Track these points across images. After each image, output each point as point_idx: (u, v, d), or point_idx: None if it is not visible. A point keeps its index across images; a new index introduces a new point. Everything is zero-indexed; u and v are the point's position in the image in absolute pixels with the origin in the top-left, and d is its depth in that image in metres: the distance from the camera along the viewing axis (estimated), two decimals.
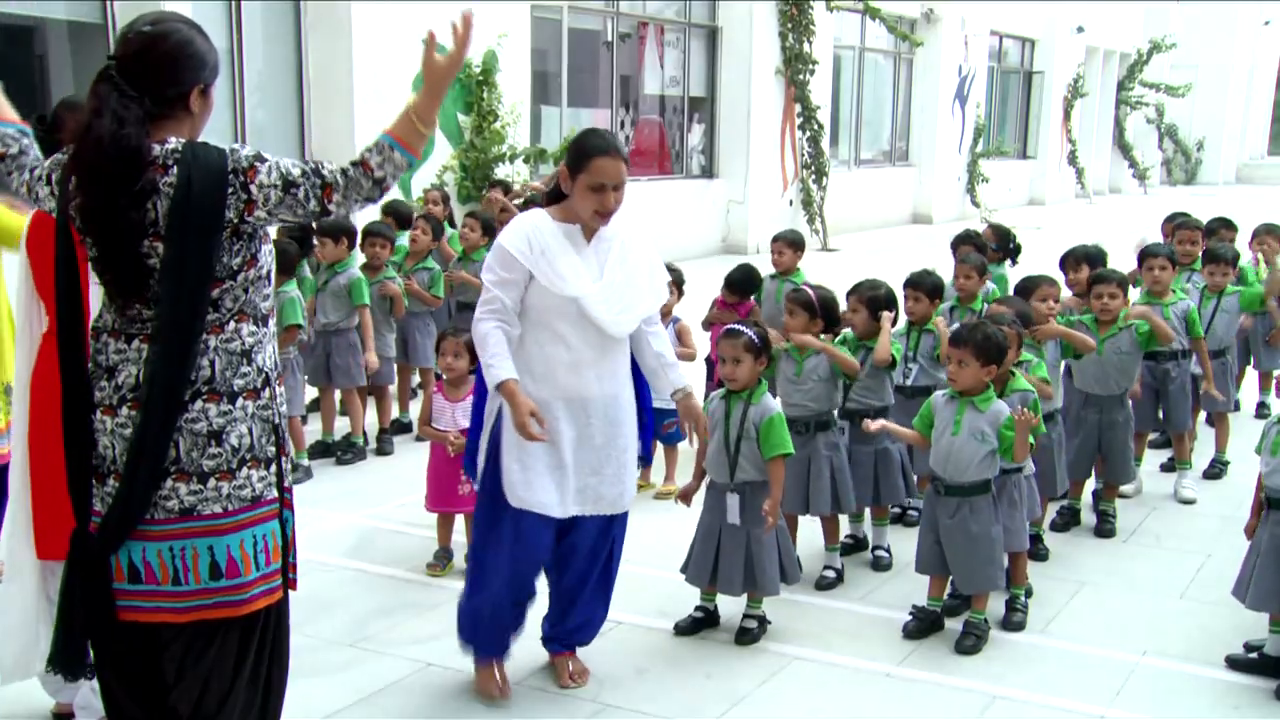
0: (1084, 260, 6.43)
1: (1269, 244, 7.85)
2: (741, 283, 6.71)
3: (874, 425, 4.71)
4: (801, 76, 17.55)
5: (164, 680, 2.87)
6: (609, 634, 4.36)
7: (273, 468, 2.90)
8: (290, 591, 3.01)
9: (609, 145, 3.76)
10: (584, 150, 3.74)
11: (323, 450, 6.84)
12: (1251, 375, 7.92)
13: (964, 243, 7.20)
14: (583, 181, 3.71)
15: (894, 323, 5.26)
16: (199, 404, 2.74)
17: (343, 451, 6.84)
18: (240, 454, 2.80)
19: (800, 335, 5.02)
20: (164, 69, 2.71)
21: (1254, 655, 4.31)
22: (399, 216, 8.01)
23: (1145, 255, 6.41)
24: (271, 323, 2.92)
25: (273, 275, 2.93)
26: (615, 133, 15.72)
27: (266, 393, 2.88)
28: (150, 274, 2.69)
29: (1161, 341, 5.76)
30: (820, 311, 5.05)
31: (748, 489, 4.41)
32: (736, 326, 4.46)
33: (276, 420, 2.91)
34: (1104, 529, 5.76)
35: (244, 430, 2.80)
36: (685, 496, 4.54)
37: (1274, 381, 8.00)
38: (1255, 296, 6.88)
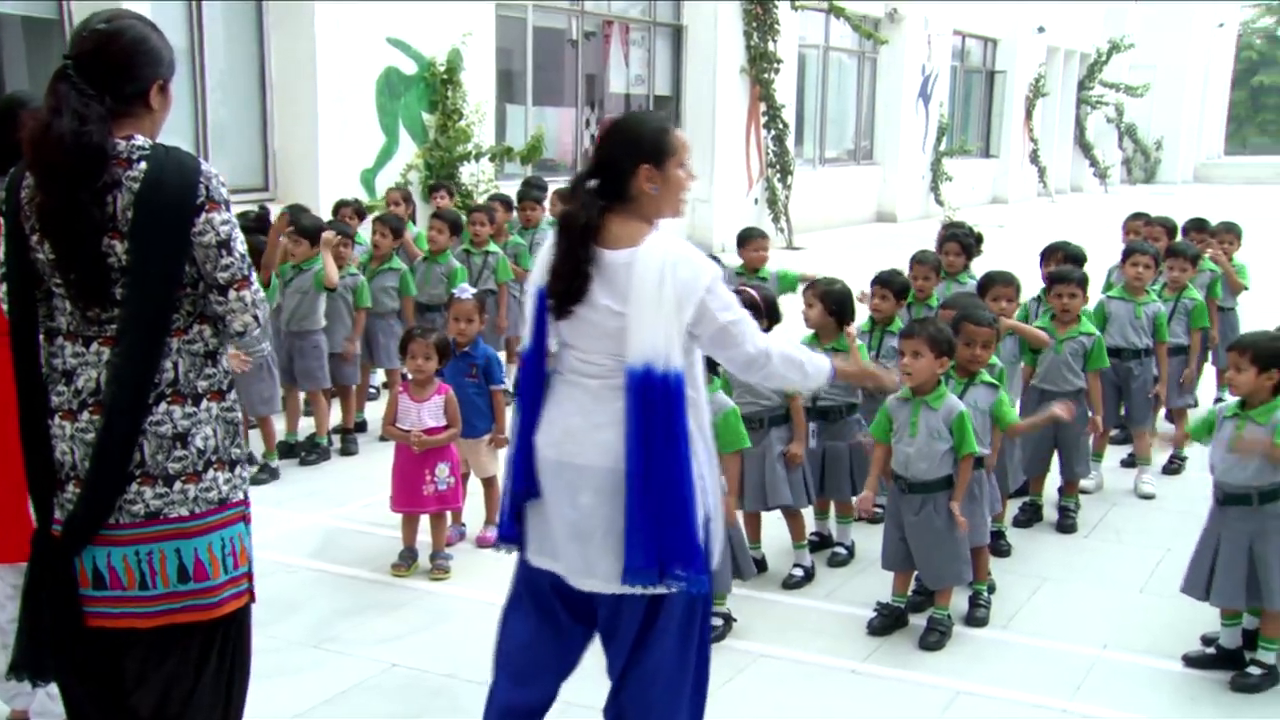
0: (1066, 257, 6.55)
1: (1228, 242, 7.99)
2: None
3: (864, 504, 4.66)
4: (766, 75, 17.60)
5: (126, 683, 2.85)
6: None
7: (238, 470, 2.89)
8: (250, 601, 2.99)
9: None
10: (667, 129, 3.05)
11: (286, 451, 6.81)
12: (1209, 371, 8.01)
13: (947, 240, 7.16)
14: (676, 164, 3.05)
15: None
16: (163, 406, 2.72)
17: (307, 452, 6.81)
18: (206, 456, 2.78)
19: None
20: (121, 66, 2.68)
21: (1210, 650, 4.37)
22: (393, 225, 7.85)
23: (1130, 251, 6.53)
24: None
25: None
26: (580, 132, 15.80)
27: (231, 394, 2.87)
28: (110, 274, 2.66)
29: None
30: (765, 310, 5.08)
31: None
32: None
33: (240, 422, 2.90)
34: (1065, 524, 5.82)
35: (209, 432, 2.79)
36: None
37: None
38: (1203, 310, 6.91)
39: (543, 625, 3.16)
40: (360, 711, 3.97)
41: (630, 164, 2.93)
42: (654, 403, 2.84)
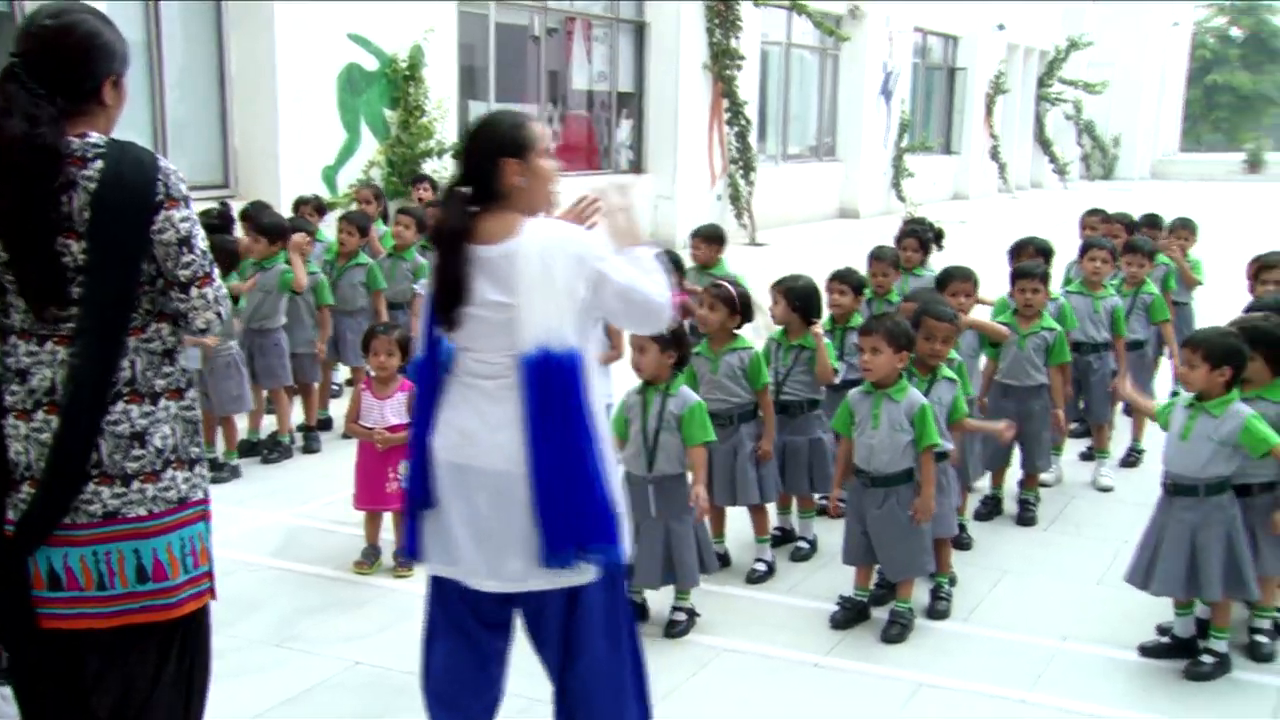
0: (1037, 251, 6.63)
1: (1183, 238, 8.09)
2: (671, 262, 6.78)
3: (836, 505, 4.72)
4: (729, 72, 17.65)
5: (84, 684, 2.82)
6: None
7: (197, 469, 2.86)
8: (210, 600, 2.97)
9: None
10: (523, 123, 3.07)
11: (248, 449, 6.76)
12: (1165, 366, 8.11)
13: (905, 235, 7.22)
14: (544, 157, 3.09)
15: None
16: (120, 405, 2.70)
17: (269, 450, 6.78)
18: (165, 455, 2.76)
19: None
20: (73, 63, 2.64)
21: (1165, 639, 4.43)
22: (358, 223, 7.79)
23: (1088, 246, 6.63)
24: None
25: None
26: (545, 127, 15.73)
27: (190, 393, 2.84)
28: (65, 274, 2.64)
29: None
30: (738, 305, 5.11)
31: (666, 481, 4.45)
32: None
33: (199, 421, 2.88)
34: (1025, 517, 5.89)
35: (167, 431, 2.76)
36: None
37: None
38: (1161, 305, 6.98)
39: (458, 643, 3.15)
40: (323, 710, 3.96)
41: (494, 162, 2.94)
42: (551, 382, 2.85)
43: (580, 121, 16.78)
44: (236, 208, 7.60)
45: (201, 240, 2.75)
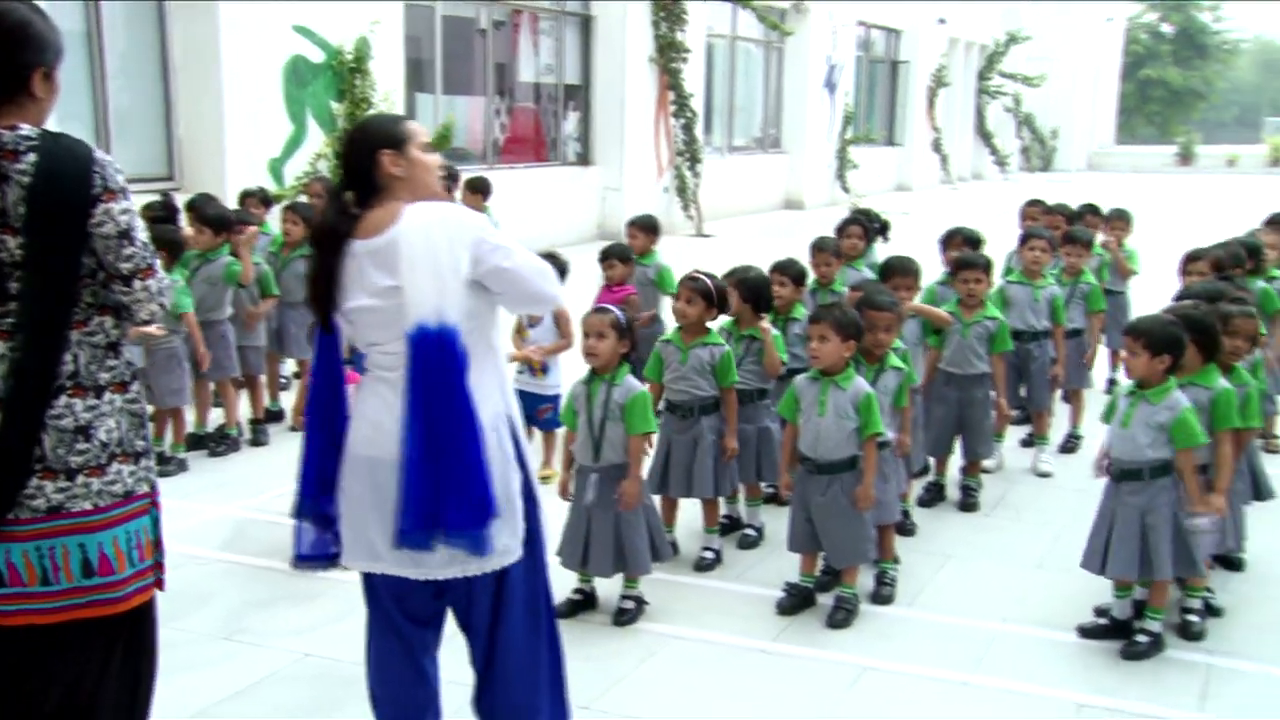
0: (965, 240, 6.72)
1: (1119, 228, 8.26)
2: (621, 255, 6.83)
3: (787, 487, 4.76)
4: (675, 64, 17.71)
5: (28, 680, 2.80)
6: None
7: (143, 462, 2.85)
8: (158, 591, 2.96)
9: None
10: (399, 120, 3.12)
11: (195, 442, 6.72)
12: (1103, 353, 8.26)
13: (848, 224, 7.31)
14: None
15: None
16: (64, 399, 2.67)
17: (216, 443, 6.74)
18: (110, 449, 2.74)
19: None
20: (1, 53, 2.60)
21: (1102, 621, 4.54)
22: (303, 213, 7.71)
23: (1027, 236, 6.75)
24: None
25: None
26: (490, 121, 15.72)
27: (134, 386, 2.83)
28: (1, 269, 2.60)
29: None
30: (715, 299, 5.15)
31: (613, 471, 4.49)
32: (605, 304, 4.56)
33: (144, 414, 2.86)
34: (968, 503, 5.99)
35: (112, 424, 2.74)
36: (563, 490, 4.63)
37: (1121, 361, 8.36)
38: (1098, 294, 7.12)
39: (389, 640, 3.15)
40: (272, 702, 3.95)
41: (370, 156, 2.95)
42: (429, 359, 2.81)
43: (528, 114, 16.76)
44: (182, 200, 7.53)
45: (142, 232, 2.72)
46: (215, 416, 6.92)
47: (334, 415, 3.09)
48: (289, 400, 7.31)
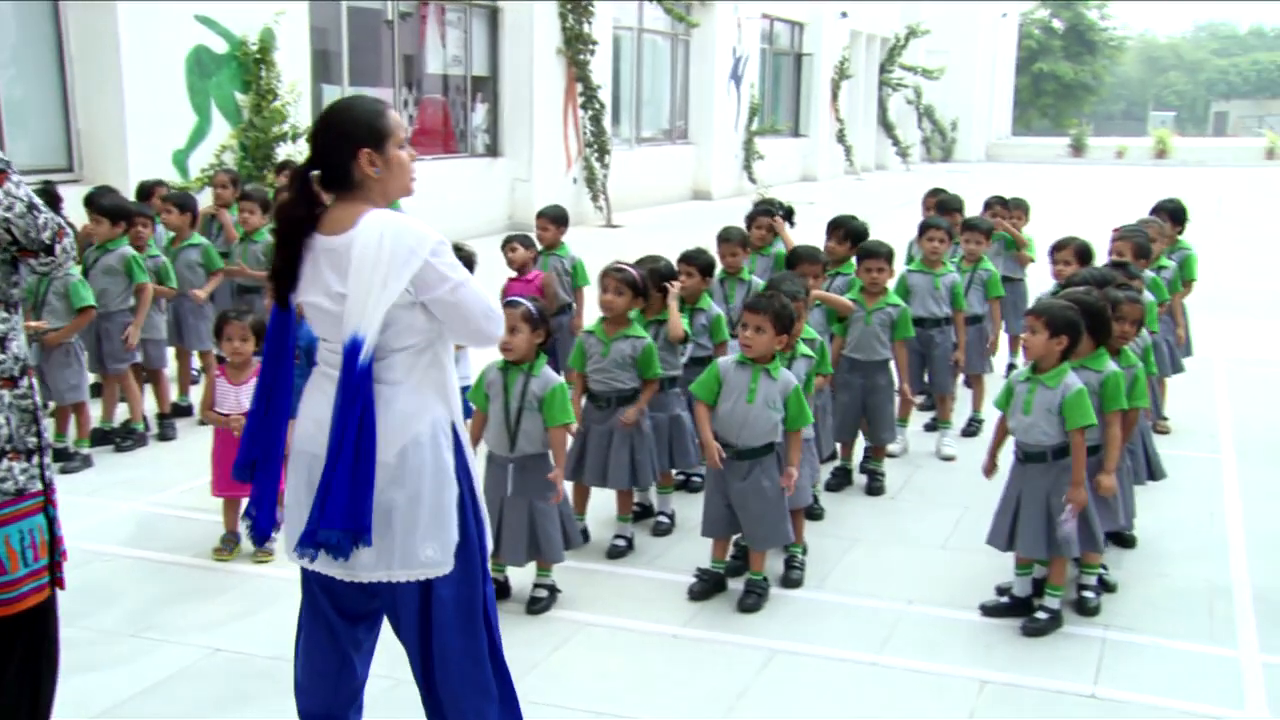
0: (848, 233, 6.80)
1: (1017, 217, 8.48)
2: (523, 239, 6.85)
3: (713, 459, 4.73)
4: (582, 56, 17.71)
5: None
6: None
7: (35, 459, 2.80)
8: (58, 590, 2.92)
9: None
10: (381, 111, 2.99)
11: (101, 438, 6.59)
12: (1003, 339, 8.47)
13: (756, 215, 7.40)
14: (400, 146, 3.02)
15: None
16: None
17: (122, 438, 6.62)
18: None
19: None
20: None
21: (1004, 599, 4.69)
22: (179, 202, 7.60)
23: (926, 226, 6.88)
24: (20, 310, 2.82)
25: (19, 263, 2.81)
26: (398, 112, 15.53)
27: (25, 381, 2.78)
28: None
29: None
30: (642, 290, 5.18)
31: (528, 461, 4.51)
32: (516, 298, 4.57)
33: (36, 409, 2.81)
34: (874, 487, 6.12)
35: (1, 421, 2.70)
36: None
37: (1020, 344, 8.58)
38: (997, 280, 7.28)
39: (319, 635, 3.11)
40: (182, 698, 3.91)
41: (349, 150, 2.86)
42: (350, 369, 2.78)
43: (436, 105, 16.63)
44: (82, 191, 7.37)
45: (37, 197, 2.73)
46: (122, 412, 6.78)
47: (274, 388, 3.02)
48: (198, 395, 7.20)
